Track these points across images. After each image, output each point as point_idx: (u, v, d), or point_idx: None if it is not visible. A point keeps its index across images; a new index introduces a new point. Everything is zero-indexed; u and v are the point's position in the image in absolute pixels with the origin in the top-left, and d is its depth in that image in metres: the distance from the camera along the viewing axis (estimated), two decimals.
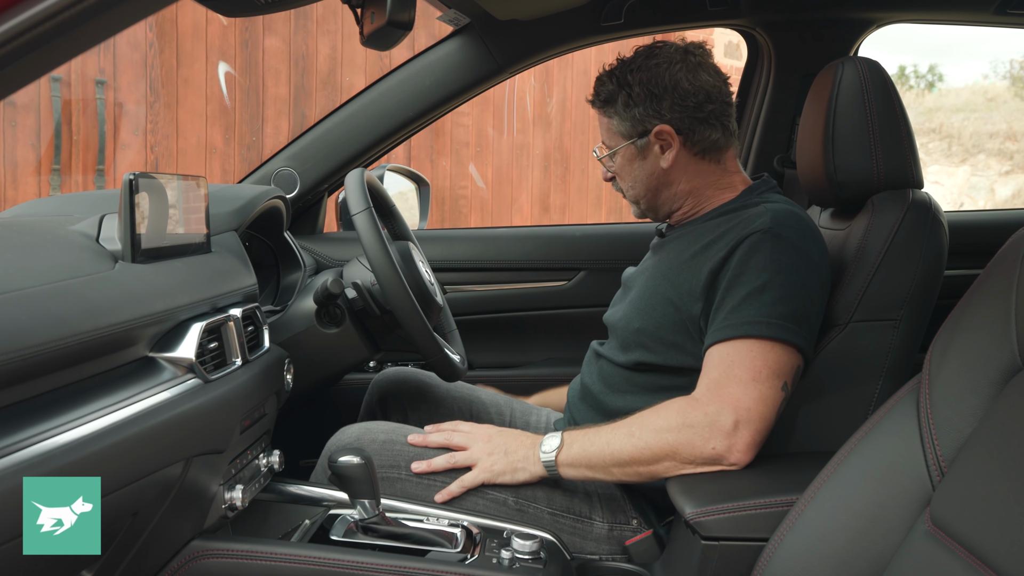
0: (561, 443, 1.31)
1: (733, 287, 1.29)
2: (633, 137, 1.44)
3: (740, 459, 1.23)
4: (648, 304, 1.41)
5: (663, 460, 1.25)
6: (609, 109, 1.45)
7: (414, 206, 2.31)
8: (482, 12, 1.82)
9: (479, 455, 1.34)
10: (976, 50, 30.05)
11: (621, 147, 1.46)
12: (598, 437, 1.30)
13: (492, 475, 1.33)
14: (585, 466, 1.30)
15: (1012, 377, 0.88)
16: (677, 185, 1.46)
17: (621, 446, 1.27)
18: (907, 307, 1.38)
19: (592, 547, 1.37)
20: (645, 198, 1.49)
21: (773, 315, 1.26)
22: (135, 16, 0.65)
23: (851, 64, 1.46)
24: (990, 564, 0.79)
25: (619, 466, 1.27)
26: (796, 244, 1.31)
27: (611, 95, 1.44)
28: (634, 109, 1.42)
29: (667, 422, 1.25)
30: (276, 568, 1.13)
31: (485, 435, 1.37)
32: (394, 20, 1.13)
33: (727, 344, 1.27)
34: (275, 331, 1.49)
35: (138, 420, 0.91)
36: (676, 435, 1.24)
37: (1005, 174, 9.49)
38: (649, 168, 1.45)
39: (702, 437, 1.23)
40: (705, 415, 1.24)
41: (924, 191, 1.48)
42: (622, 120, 1.44)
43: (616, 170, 1.50)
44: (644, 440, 1.26)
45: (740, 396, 1.24)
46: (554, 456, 1.30)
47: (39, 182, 4.11)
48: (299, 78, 4.71)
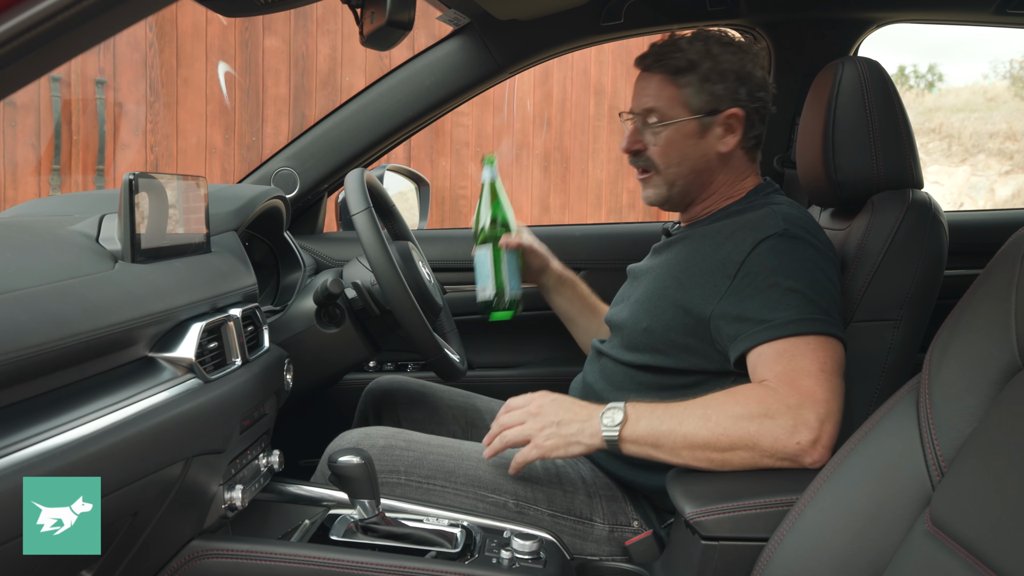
0: (625, 417, 1.23)
1: (763, 289, 1.26)
2: (701, 113, 1.39)
3: (821, 457, 1.15)
4: (657, 305, 1.39)
5: (740, 449, 1.18)
6: (684, 78, 1.39)
7: (414, 206, 2.31)
8: (482, 12, 1.82)
9: (531, 431, 1.28)
10: (976, 50, 30.08)
11: (682, 120, 1.40)
12: (668, 416, 1.22)
13: (544, 451, 1.27)
14: (651, 444, 1.22)
15: (1012, 377, 0.88)
16: (717, 174, 1.44)
17: (695, 428, 1.19)
18: (907, 307, 1.38)
19: (592, 548, 1.37)
20: (684, 180, 1.43)
21: (816, 311, 1.24)
22: (135, 16, 0.65)
23: (851, 64, 1.46)
24: (990, 564, 0.79)
25: (690, 449, 1.20)
26: (812, 243, 1.32)
27: (691, 64, 1.39)
28: (716, 85, 1.38)
29: (747, 409, 1.18)
30: (276, 568, 1.13)
31: (537, 407, 1.30)
32: (394, 20, 1.13)
33: (782, 343, 1.22)
34: (275, 331, 1.49)
35: (138, 420, 0.91)
36: (758, 425, 1.16)
37: (1005, 174, 9.49)
38: (703, 149, 1.41)
39: (786, 430, 1.15)
40: (788, 407, 1.16)
41: (924, 191, 1.48)
42: (697, 92, 1.39)
43: (662, 144, 1.41)
44: (722, 426, 1.18)
45: (815, 389, 1.17)
46: (617, 431, 1.23)
47: (39, 182, 4.11)
48: (299, 78, 4.71)
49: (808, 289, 1.26)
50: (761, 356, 1.23)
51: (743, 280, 1.29)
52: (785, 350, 1.22)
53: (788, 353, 1.21)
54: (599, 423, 1.24)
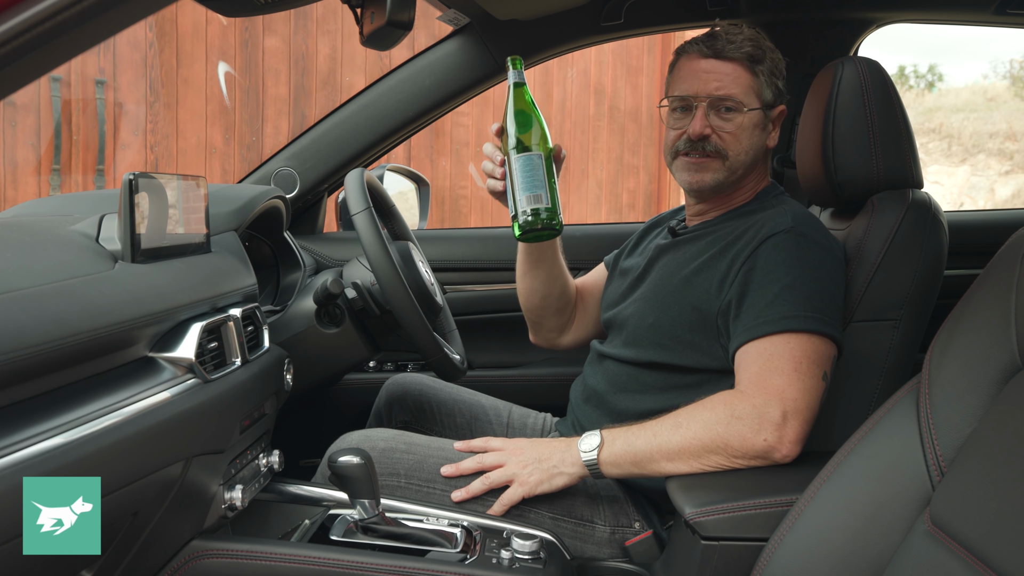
0: (601, 441, 1.28)
1: (762, 285, 1.29)
2: (767, 105, 1.43)
3: (790, 451, 1.20)
4: (665, 302, 1.40)
5: (712, 453, 1.22)
6: (759, 67, 1.41)
7: (414, 206, 2.31)
8: (482, 12, 1.82)
9: (514, 470, 1.31)
10: (976, 50, 30.05)
11: (755, 109, 1.41)
12: (643, 432, 1.26)
13: (530, 488, 1.30)
14: (630, 462, 1.26)
15: (1012, 377, 0.88)
16: (757, 167, 1.47)
17: (668, 438, 1.23)
18: (907, 307, 1.38)
19: (593, 550, 1.36)
20: (743, 169, 1.44)
21: (809, 309, 1.26)
22: (135, 16, 0.65)
23: (851, 64, 1.46)
24: (990, 564, 0.79)
25: (668, 459, 1.24)
26: (819, 241, 1.34)
27: (762, 55, 1.41)
28: (777, 80, 1.43)
29: (715, 414, 1.22)
30: (276, 568, 1.13)
31: (517, 448, 1.34)
32: (394, 20, 1.13)
33: (765, 340, 1.26)
34: (275, 331, 1.49)
35: (138, 420, 0.91)
36: (726, 427, 1.21)
37: (1005, 174, 9.49)
38: (760, 141, 1.45)
39: (752, 429, 1.20)
40: (753, 407, 1.21)
41: (924, 191, 1.48)
42: (767, 84, 1.42)
43: (735, 130, 1.40)
44: (692, 431, 1.22)
45: (785, 387, 1.22)
46: (595, 455, 1.27)
47: (39, 182, 4.11)
48: (299, 78, 4.71)
49: (807, 286, 1.27)
50: (745, 355, 1.27)
51: (747, 275, 1.31)
52: (765, 349, 1.25)
53: (767, 352, 1.25)
54: (578, 451, 1.29)
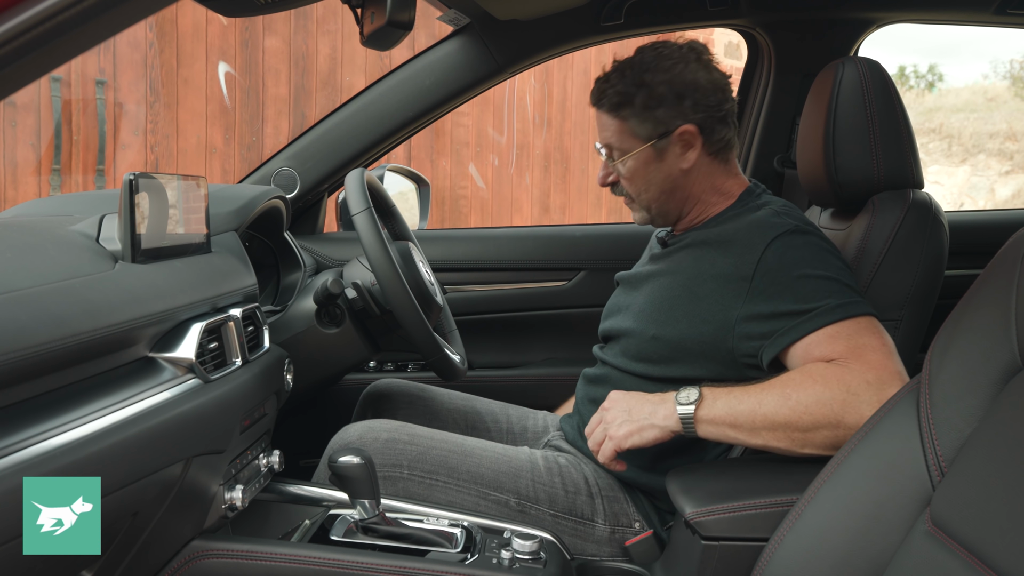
0: (701, 396, 1.23)
1: (790, 284, 1.26)
2: (653, 139, 1.39)
3: None
4: (669, 316, 1.37)
5: (823, 428, 1.16)
6: (623, 111, 1.39)
7: (414, 206, 2.31)
8: (482, 12, 1.82)
9: (605, 426, 1.30)
10: (977, 50, 30.06)
11: (637, 150, 1.41)
12: (746, 395, 1.21)
13: (618, 440, 1.26)
14: (729, 424, 1.21)
15: (1012, 377, 0.88)
16: (691, 187, 1.43)
17: (775, 408, 1.18)
18: (907, 307, 1.38)
19: (593, 549, 1.37)
20: (658, 202, 1.44)
21: (853, 295, 1.24)
22: (135, 16, 0.65)
23: (851, 64, 1.46)
24: (990, 564, 0.79)
25: (770, 429, 1.19)
26: (821, 235, 1.34)
27: (626, 97, 1.39)
28: (656, 110, 1.38)
29: (828, 387, 1.17)
30: (276, 568, 1.13)
31: (609, 402, 1.32)
32: (394, 20, 1.13)
33: (828, 329, 1.21)
34: (275, 331, 1.49)
35: (138, 420, 0.91)
36: (842, 403, 1.15)
37: (1005, 174, 9.49)
38: (666, 171, 1.41)
39: (871, 406, 1.12)
40: (867, 383, 1.15)
41: (924, 191, 1.48)
42: (641, 122, 1.39)
43: (627, 174, 1.43)
44: (804, 404, 1.17)
45: (887, 363, 1.17)
46: (693, 410, 1.22)
47: (39, 182, 4.11)
48: (299, 78, 4.71)
49: (838, 275, 1.27)
50: (812, 343, 1.22)
51: (764, 279, 1.28)
52: (839, 332, 1.21)
53: (844, 334, 1.21)
54: (674, 404, 1.24)
